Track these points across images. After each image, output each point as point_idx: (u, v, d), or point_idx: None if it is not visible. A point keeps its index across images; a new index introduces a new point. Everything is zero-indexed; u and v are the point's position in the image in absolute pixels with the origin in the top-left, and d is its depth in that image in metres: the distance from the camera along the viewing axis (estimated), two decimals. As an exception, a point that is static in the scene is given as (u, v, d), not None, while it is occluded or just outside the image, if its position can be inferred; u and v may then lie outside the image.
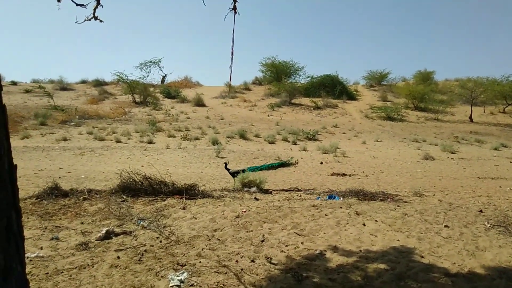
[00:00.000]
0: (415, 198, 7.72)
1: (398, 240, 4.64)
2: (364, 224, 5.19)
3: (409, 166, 13.64)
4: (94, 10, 4.29)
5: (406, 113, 29.80)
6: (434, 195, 8.23)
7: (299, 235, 4.78)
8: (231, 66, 4.38)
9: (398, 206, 6.33)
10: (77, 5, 3.92)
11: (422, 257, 4.12)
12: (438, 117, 28.86)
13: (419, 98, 31.30)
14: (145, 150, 15.58)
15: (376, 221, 5.33)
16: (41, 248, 4.21)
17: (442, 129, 25.67)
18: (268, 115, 27.49)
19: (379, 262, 3.95)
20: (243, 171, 8.61)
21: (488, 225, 5.29)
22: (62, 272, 3.59)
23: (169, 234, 4.70)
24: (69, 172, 10.35)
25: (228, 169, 8.40)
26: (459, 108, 31.13)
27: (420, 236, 4.80)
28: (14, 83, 33.75)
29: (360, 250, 4.29)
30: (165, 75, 38.36)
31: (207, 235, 4.70)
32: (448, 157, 16.35)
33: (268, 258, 3.98)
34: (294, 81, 36.63)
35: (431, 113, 29.79)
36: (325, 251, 4.24)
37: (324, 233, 4.86)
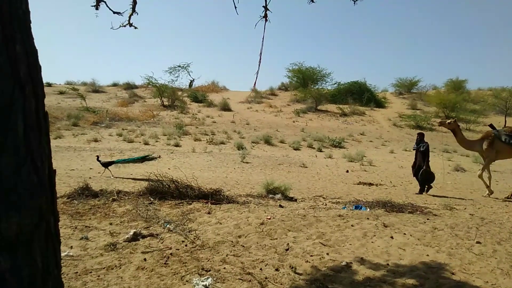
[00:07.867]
0: (445, 211, 7.43)
1: (428, 255, 4.48)
2: (392, 237, 5.04)
3: (439, 178, 13.19)
4: (130, 17, 4.43)
5: (437, 122, 28.91)
6: (465, 208, 7.91)
7: (325, 245, 4.70)
8: (257, 73, 4.38)
9: (428, 219, 6.12)
10: (114, 12, 4.06)
11: (453, 273, 3.95)
12: (470, 127, 27.84)
13: (450, 107, 30.34)
14: (172, 153, 15.84)
15: (404, 234, 5.18)
16: (71, 247, 4.34)
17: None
18: (294, 121, 27.37)
19: (408, 277, 3.82)
20: (113, 162, 10.06)
21: (525, 243, 5.02)
22: (91, 272, 3.68)
23: (194, 238, 4.74)
24: (99, 172, 10.65)
25: (99, 161, 9.34)
26: (492, 118, 29.86)
27: (451, 251, 4.61)
28: (49, 85, 35.15)
29: (388, 264, 4.16)
30: (193, 80, 38.87)
31: (232, 241, 4.71)
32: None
33: (292, 267, 3.93)
34: (320, 87, 36.35)
35: (462, 123, 28.72)
36: (351, 263, 4.14)
37: (350, 244, 4.76)
